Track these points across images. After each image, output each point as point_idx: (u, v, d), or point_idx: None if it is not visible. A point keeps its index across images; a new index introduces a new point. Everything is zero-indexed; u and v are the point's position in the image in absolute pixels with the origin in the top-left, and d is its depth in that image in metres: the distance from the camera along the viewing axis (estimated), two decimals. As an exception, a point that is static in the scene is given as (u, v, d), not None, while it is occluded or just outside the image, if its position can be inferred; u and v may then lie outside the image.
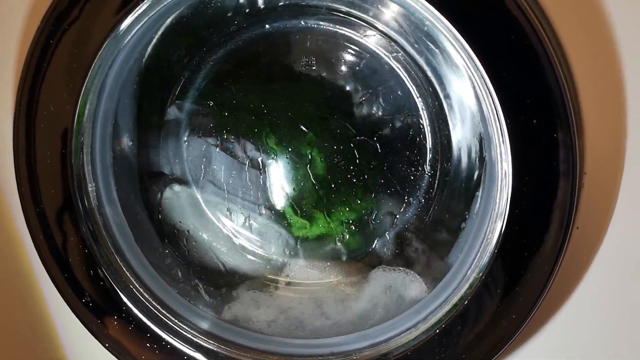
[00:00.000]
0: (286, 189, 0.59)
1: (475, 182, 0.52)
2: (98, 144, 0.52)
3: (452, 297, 0.47)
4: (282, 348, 0.54)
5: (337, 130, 0.57)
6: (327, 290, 0.59)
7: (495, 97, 0.42)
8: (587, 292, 0.48)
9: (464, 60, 0.43)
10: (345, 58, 0.56)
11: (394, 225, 0.58)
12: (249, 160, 0.58)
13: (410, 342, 0.49)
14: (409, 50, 0.53)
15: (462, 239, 0.51)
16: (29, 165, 0.50)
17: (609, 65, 0.43)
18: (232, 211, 0.60)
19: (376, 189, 0.57)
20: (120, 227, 0.54)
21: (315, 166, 0.58)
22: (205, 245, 0.60)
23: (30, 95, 0.49)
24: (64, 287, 0.52)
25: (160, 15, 0.48)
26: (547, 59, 0.41)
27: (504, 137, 0.42)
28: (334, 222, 0.59)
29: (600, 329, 0.49)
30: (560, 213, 0.43)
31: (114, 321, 0.53)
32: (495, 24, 0.42)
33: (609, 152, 0.45)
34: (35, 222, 0.51)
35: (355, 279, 0.58)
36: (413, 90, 0.55)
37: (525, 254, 0.44)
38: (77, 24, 0.46)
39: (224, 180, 0.59)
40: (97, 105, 0.50)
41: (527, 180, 0.43)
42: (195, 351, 0.53)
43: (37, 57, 0.47)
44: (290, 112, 0.57)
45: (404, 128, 0.56)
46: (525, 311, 0.45)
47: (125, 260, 0.53)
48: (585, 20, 0.44)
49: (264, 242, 0.61)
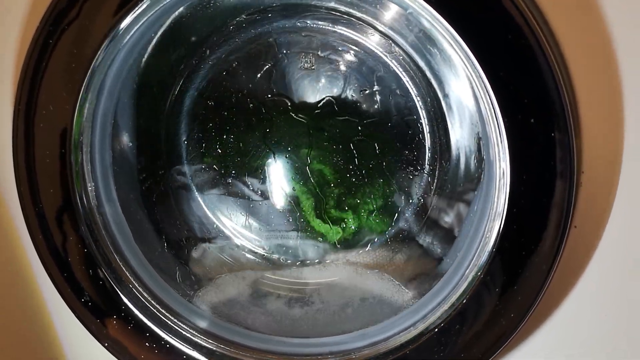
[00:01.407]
0: (298, 200, 0.59)
1: (473, 181, 0.52)
2: (97, 143, 0.52)
3: (451, 296, 0.48)
4: (281, 347, 0.54)
5: (337, 130, 0.57)
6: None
7: (493, 97, 0.42)
8: (585, 290, 0.48)
9: (462, 60, 0.43)
10: (345, 58, 0.56)
11: (392, 225, 0.58)
12: (260, 193, 0.59)
13: (409, 341, 0.49)
14: (408, 50, 0.53)
15: (461, 238, 0.51)
16: (28, 164, 0.50)
17: (606, 64, 0.44)
18: (271, 248, 0.61)
19: (375, 189, 0.57)
20: (120, 226, 0.54)
21: (319, 171, 0.58)
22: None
23: (30, 95, 0.49)
24: (63, 286, 0.52)
25: (160, 15, 0.48)
26: (545, 59, 0.41)
27: (501, 137, 0.42)
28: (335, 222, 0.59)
29: (599, 327, 0.49)
30: (558, 212, 0.43)
31: (113, 321, 0.53)
32: (493, 23, 0.42)
33: (606, 151, 0.45)
34: (34, 222, 0.51)
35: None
36: (412, 90, 0.55)
37: (524, 253, 0.44)
38: (76, 24, 0.46)
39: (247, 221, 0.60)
40: (96, 104, 0.50)
41: (525, 180, 0.43)
42: (194, 350, 0.53)
43: (37, 56, 0.47)
44: (290, 112, 0.57)
45: (403, 128, 0.56)
46: (524, 310, 0.45)
47: (125, 260, 0.53)
48: (582, 19, 0.44)
49: (303, 255, 0.61)
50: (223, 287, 0.58)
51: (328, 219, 0.60)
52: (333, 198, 0.59)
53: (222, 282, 0.58)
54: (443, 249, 0.54)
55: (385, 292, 0.56)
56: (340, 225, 0.60)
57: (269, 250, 0.61)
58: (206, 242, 0.61)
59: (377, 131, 0.56)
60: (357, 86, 0.56)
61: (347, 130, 0.56)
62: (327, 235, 0.60)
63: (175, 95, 0.58)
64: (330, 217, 0.59)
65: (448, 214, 0.55)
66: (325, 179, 0.58)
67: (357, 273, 0.59)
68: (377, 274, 0.58)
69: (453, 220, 0.54)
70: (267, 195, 0.60)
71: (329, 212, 0.59)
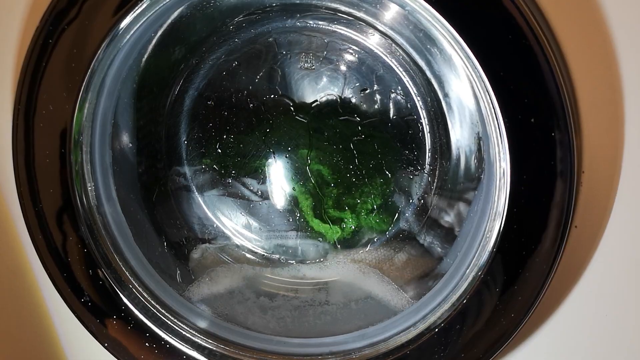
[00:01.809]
0: (300, 200, 0.59)
1: (474, 181, 0.52)
2: (97, 143, 0.52)
3: (451, 296, 0.48)
4: (281, 347, 0.53)
5: (336, 130, 0.57)
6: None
7: (493, 97, 0.42)
8: (586, 290, 0.48)
9: (462, 59, 0.43)
10: (345, 58, 0.56)
11: (393, 224, 0.58)
12: (260, 194, 0.59)
13: (409, 341, 0.49)
14: (408, 50, 0.53)
15: (461, 238, 0.51)
16: (28, 164, 0.50)
17: (606, 64, 0.43)
18: (271, 248, 0.61)
19: (374, 189, 0.57)
20: (120, 226, 0.54)
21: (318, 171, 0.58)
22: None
23: (30, 95, 0.48)
24: (63, 286, 0.52)
25: (160, 15, 0.48)
26: (545, 58, 0.41)
27: (502, 136, 0.42)
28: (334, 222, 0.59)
29: (599, 326, 0.49)
30: (559, 212, 0.43)
31: (113, 321, 0.53)
32: (493, 23, 0.42)
33: (606, 150, 0.45)
34: (34, 222, 0.51)
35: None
36: (412, 90, 0.55)
37: (524, 253, 0.44)
38: (75, 23, 0.46)
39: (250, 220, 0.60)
40: (96, 104, 0.50)
41: (525, 179, 0.43)
42: (194, 350, 0.53)
43: (36, 56, 0.47)
44: (290, 113, 0.57)
45: (403, 127, 0.56)
46: (524, 310, 0.45)
47: (125, 260, 0.53)
48: (582, 19, 0.44)
49: (303, 255, 0.61)
50: (217, 279, 0.58)
51: (327, 218, 0.60)
52: (332, 198, 0.59)
53: (216, 275, 0.58)
54: (443, 249, 0.54)
55: (386, 292, 0.56)
56: (340, 225, 0.60)
57: (268, 250, 0.61)
58: (206, 243, 0.61)
59: (377, 131, 0.56)
60: (357, 86, 0.56)
61: (347, 130, 0.56)
62: (327, 235, 0.60)
63: (175, 95, 0.58)
64: (330, 216, 0.59)
65: (448, 213, 0.55)
66: (325, 179, 0.58)
67: (357, 273, 0.59)
68: (377, 273, 0.58)
69: (453, 220, 0.54)
70: (266, 195, 0.60)
71: (328, 212, 0.59)
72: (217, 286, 0.58)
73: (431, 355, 0.48)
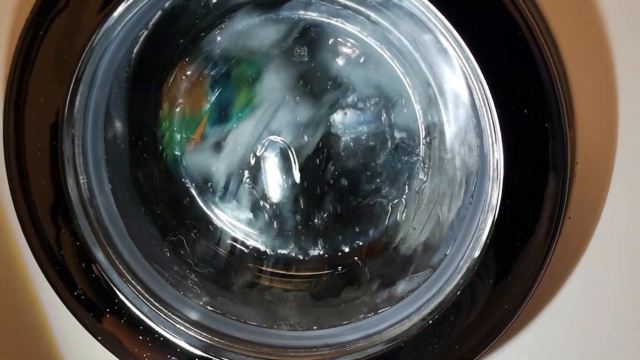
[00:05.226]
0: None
1: (468, 173, 0.52)
2: (89, 135, 0.51)
3: (445, 288, 0.48)
4: (275, 340, 0.54)
5: (330, 123, 0.56)
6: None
7: (487, 88, 0.42)
8: (580, 282, 0.48)
9: (455, 51, 0.43)
10: (338, 50, 0.56)
11: (387, 217, 0.58)
12: (259, 190, 0.59)
13: (403, 333, 0.49)
14: (403, 41, 0.53)
15: (455, 230, 0.51)
16: (19, 157, 0.50)
17: (600, 55, 0.43)
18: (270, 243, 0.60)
19: (369, 180, 0.57)
20: (113, 219, 0.54)
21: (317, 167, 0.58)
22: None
23: (20, 87, 0.48)
24: (55, 280, 0.52)
25: (152, 5, 0.48)
26: (538, 50, 0.41)
27: (495, 128, 0.42)
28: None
29: (593, 318, 0.49)
30: (552, 203, 0.43)
31: (106, 314, 0.53)
32: (487, 14, 0.42)
33: (600, 142, 0.45)
34: (26, 215, 0.51)
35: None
36: (406, 82, 0.55)
37: (518, 244, 0.44)
38: (65, 14, 0.46)
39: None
40: (88, 96, 0.50)
41: (519, 171, 0.43)
42: (188, 343, 0.53)
43: (26, 47, 0.47)
44: (286, 107, 0.57)
45: (397, 119, 0.56)
46: (518, 301, 0.45)
47: (118, 253, 0.53)
48: (576, 10, 0.43)
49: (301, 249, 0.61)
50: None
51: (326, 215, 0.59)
52: (331, 194, 0.58)
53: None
54: (437, 241, 0.54)
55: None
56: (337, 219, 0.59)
57: (267, 245, 0.61)
58: (203, 238, 0.61)
59: (370, 123, 0.56)
60: (351, 78, 0.56)
61: (342, 123, 0.56)
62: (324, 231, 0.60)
63: (168, 87, 0.57)
64: (328, 213, 0.59)
65: (442, 205, 0.55)
66: (324, 175, 0.58)
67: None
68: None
69: (447, 212, 0.54)
70: (266, 192, 0.60)
71: (326, 208, 0.59)
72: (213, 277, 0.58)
73: (425, 346, 0.48)
